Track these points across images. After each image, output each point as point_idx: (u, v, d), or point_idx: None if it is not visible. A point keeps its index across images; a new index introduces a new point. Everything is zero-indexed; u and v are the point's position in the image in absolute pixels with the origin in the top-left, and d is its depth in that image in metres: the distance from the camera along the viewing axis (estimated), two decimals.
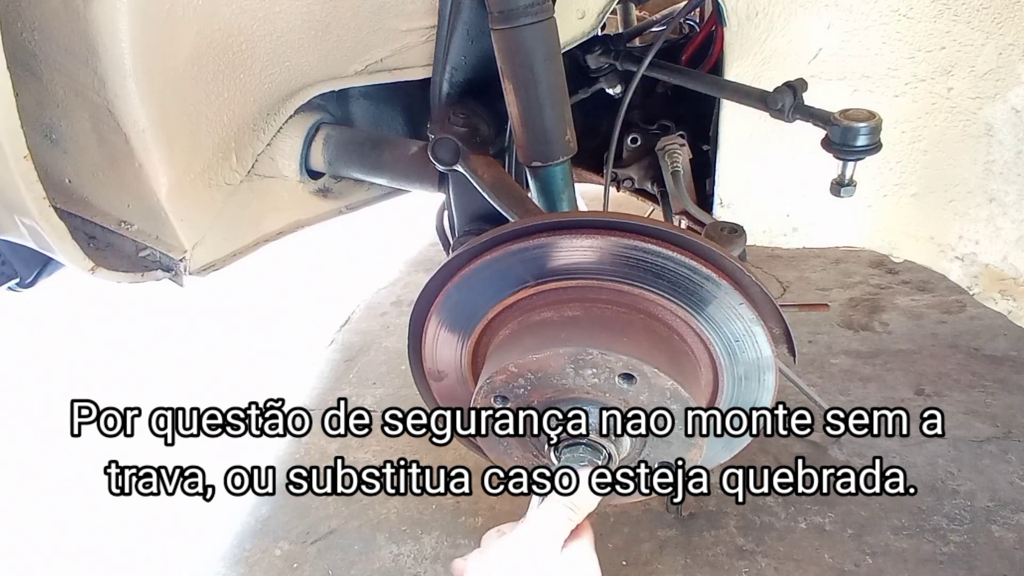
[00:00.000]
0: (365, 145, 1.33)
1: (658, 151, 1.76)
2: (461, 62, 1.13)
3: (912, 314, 2.88)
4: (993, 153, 1.32)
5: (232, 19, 1.00)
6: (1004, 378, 2.45)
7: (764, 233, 1.63)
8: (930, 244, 1.48)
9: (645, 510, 2.08)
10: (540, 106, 1.02)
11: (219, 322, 3.48)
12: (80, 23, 0.88)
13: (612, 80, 1.66)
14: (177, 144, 1.03)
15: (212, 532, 2.21)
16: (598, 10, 1.21)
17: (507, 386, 0.80)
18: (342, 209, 1.45)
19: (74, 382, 3.09)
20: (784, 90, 1.18)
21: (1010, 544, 1.86)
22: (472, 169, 1.12)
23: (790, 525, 1.99)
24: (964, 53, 1.28)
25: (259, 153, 1.22)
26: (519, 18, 0.96)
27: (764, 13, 1.36)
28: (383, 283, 3.73)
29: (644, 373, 0.75)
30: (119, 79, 0.93)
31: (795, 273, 3.27)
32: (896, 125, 1.39)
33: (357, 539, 2.12)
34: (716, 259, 0.79)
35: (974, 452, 2.15)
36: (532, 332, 0.82)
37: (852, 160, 1.12)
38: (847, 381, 2.53)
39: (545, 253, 0.83)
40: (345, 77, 1.19)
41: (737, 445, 0.94)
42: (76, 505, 2.37)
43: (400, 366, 2.94)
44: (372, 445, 2.48)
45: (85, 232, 1.06)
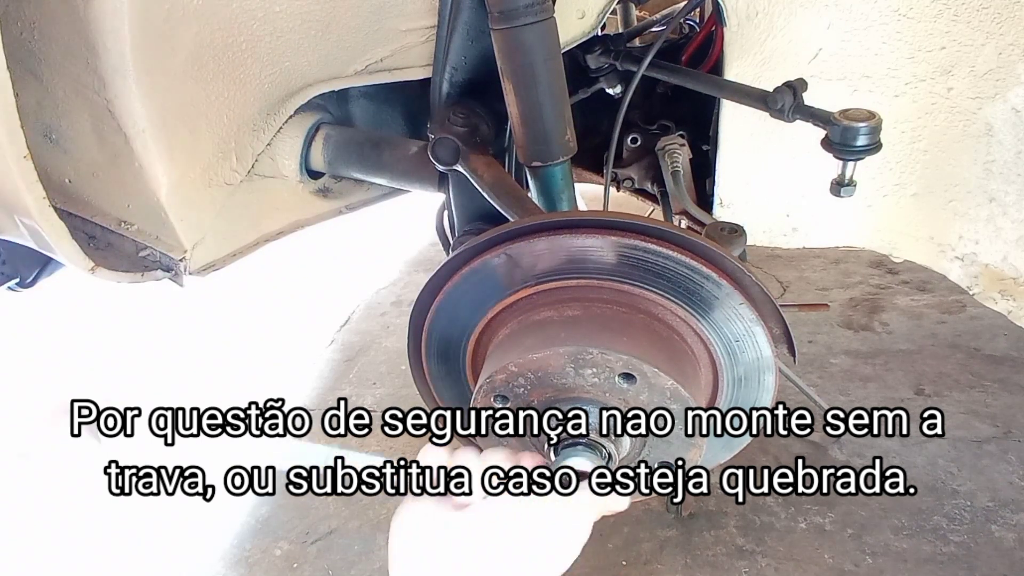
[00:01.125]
0: (365, 145, 1.32)
1: (658, 151, 1.76)
2: (461, 62, 1.13)
3: (912, 314, 2.88)
4: (993, 153, 1.32)
5: (232, 19, 1.00)
6: (1004, 378, 2.45)
7: (764, 233, 1.63)
8: (930, 244, 1.48)
9: (645, 510, 2.08)
10: (540, 106, 1.02)
11: (219, 322, 3.48)
12: (80, 23, 0.88)
13: (612, 80, 1.66)
14: (177, 144, 1.03)
15: (212, 532, 2.21)
16: (598, 10, 1.21)
17: (507, 385, 0.80)
18: (342, 209, 1.45)
19: (74, 382, 3.08)
20: (784, 90, 1.18)
21: (1010, 544, 1.86)
22: (472, 169, 1.12)
23: (790, 525, 1.99)
24: (964, 53, 1.28)
25: (259, 153, 1.22)
26: (519, 18, 0.96)
27: (764, 13, 1.36)
28: (383, 283, 3.73)
29: (644, 373, 0.75)
30: (119, 79, 0.93)
31: (795, 273, 3.27)
32: (896, 125, 1.39)
33: (357, 539, 2.12)
34: (716, 259, 0.79)
35: (974, 452, 2.15)
36: (532, 331, 0.82)
37: (852, 160, 1.12)
38: (847, 381, 2.53)
39: (545, 253, 0.83)
40: (345, 77, 1.19)
41: (737, 445, 0.94)
42: (76, 505, 2.37)
43: (400, 366, 2.94)
44: (372, 445, 2.48)
45: (85, 232, 1.06)
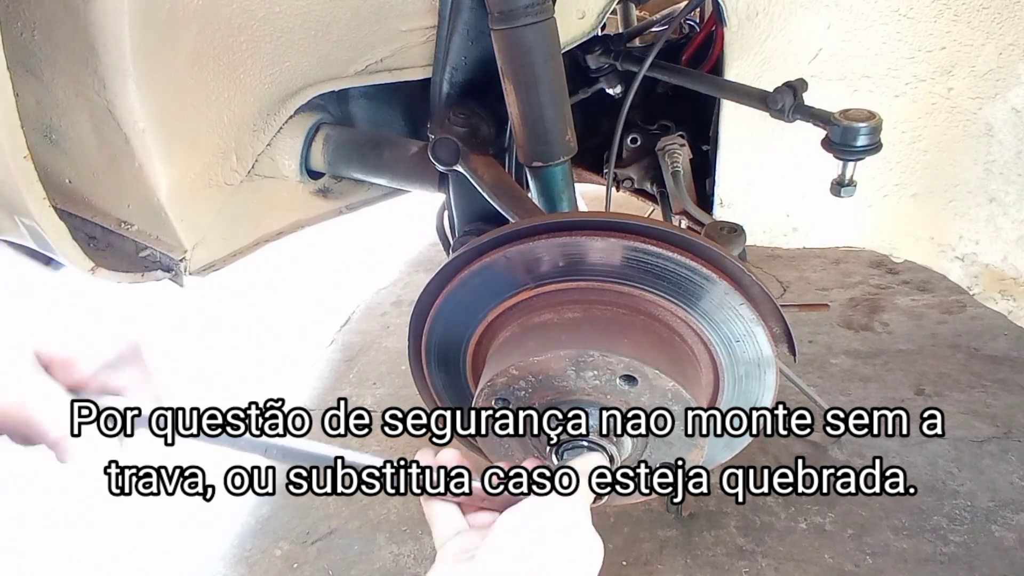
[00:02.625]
0: (365, 145, 1.32)
1: (658, 151, 1.76)
2: (461, 62, 1.13)
3: (912, 314, 2.88)
4: (993, 153, 1.32)
5: (232, 19, 1.00)
6: (1004, 378, 2.45)
7: (764, 233, 1.63)
8: (930, 244, 1.48)
9: (645, 510, 2.08)
10: (540, 106, 1.02)
11: (219, 322, 3.47)
12: (80, 23, 0.88)
13: (612, 80, 1.66)
14: (177, 144, 1.03)
15: (212, 532, 2.21)
16: (598, 10, 1.21)
17: (508, 388, 0.80)
18: (342, 209, 1.45)
19: None
20: (784, 90, 1.18)
21: (1010, 544, 1.85)
22: (472, 169, 1.12)
23: (790, 525, 1.99)
24: (964, 53, 1.28)
25: (259, 153, 1.22)
26: (519, 18, 0.96)
27: (764, 13, 1.36)
28: (383, 283, 3.73)
29: (645, 375, 0.75)
30: (119, 79, 0.93)
31: (795, 273, 3.27)
32: (896, 125, 1.39)
33: (357, 539, 2.12)
34: (716, 259, 0.79)
35: (974, 452, 2.15)
36: (533, 334, 0.82)
37: (852, 160, 1.12)
38: (847, 381, 2.52)
39: (545, 254, 0.82)
40: (345, 77, 1.19)
41: (737, 445, 0.94)
42: (76, 505, 2.37)
43: (400, 366, 2.93)
44: (372, 445, 2.48)
45: (85, 232, 1.06)
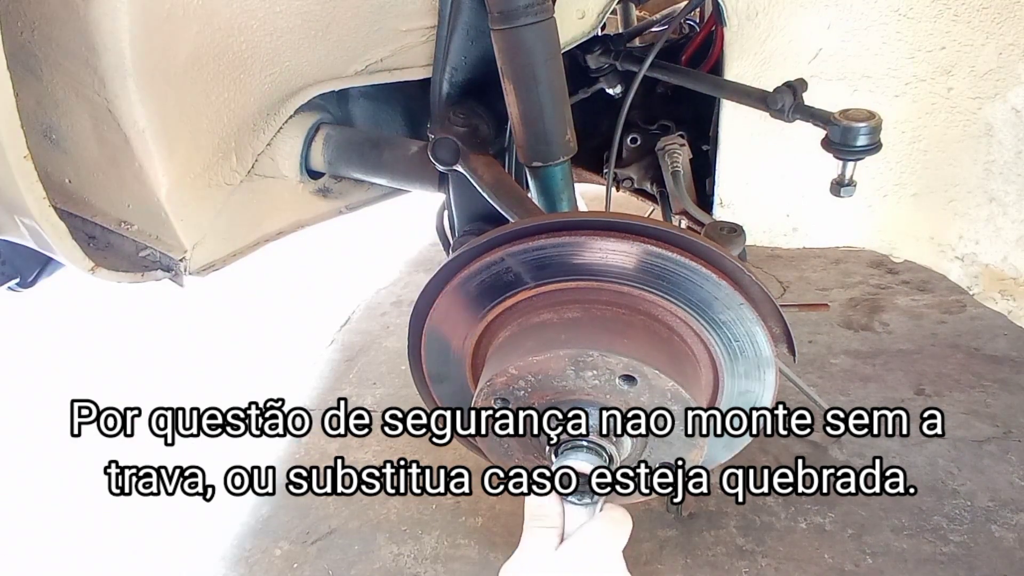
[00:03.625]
0: (365, 145, 1.32)
1: (658, 151, 1.76)
2: (461, 62, 1.13)
3: (912, 314, 2.88)
4: (993, 153, 1.32)
5: (232, 19, 1.00)
6: (1004, 378, 2.45)
7: (764, 233, 1.62)
8: (930, 244, 1.48)
9: (645, 510, 2.08)
10: (540, 106, 1.02)
11: (219, 322, 3.48)
12: (80, 23, 0.88)
13: (612, 80, 1.66)
14: (177, 144, 1.03)
15: (212, 532, 2.21)
16: (598, 10, 1.21)
17: (508, 388, 0.80)
18: (342, 209, 1.45)
19: (74, 382, 3.08)
20: (784, 90, 1.18)
21: (1010, 544, 1.86)
22: (472, 169, 1.12)
23: (790, 525, 1.99)
24: (964, 53, 1.28)
25: (259, 153, 1.22)
26: (519, 18, 0.96)
27: (764, 13, 1.36)
28: (383, 283, 3.73)
29: (645, 375, 0.75)
30: (119, 79, 0.93)
31: (795, 273, 3.27)
32: (896, 125, 1.39)
33: (357, 539, 2.12)
34: (716, 259, 0.79)
35: (974, 452, 2.15)
36: (532, 334, 0.82)
37: (852, 160, 1.12)
38: (847, 381, 2.52)
39: (545, 254, 0.83)
40: (345, 77, 1.19)
41: (737, 445, 0.94)
42: (76, 505, 2.37)
43: (400, 366, 2.94)
44: (372, 445, 2.48)
45: (85, 232, 1.06)
